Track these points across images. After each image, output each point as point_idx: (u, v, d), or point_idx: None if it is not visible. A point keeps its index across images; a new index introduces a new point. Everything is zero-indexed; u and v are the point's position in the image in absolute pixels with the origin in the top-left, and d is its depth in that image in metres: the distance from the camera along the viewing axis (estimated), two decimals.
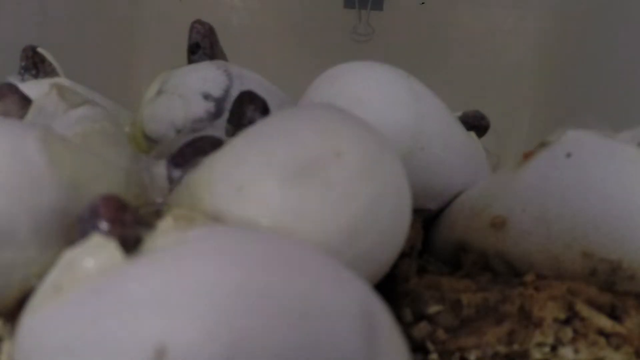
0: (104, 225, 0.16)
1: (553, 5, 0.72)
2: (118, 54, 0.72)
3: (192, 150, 0.21)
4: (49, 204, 0.18)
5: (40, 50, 0.36)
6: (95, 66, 0.64)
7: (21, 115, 0.25)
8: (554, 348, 0.21)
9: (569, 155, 0.23)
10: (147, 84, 0.34)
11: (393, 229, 0.19)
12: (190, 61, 0.33)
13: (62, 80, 0.35)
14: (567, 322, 0.21)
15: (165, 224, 0.17)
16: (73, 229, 0.18)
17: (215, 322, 0.13)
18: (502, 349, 0.21)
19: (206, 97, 0.30)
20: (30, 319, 0.15)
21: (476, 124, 0.33)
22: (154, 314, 0.13)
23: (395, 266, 0.22)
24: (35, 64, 0.35)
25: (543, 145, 0.24)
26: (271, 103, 0.25)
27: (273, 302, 0.14)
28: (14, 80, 0.34)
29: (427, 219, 0.29)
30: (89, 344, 0.13)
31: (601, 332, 0.21)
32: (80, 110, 0.24)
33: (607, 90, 0.58)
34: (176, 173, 0.21)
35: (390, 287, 0.23)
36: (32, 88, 0.31)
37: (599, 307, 0.21)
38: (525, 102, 0.74)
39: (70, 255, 0.16)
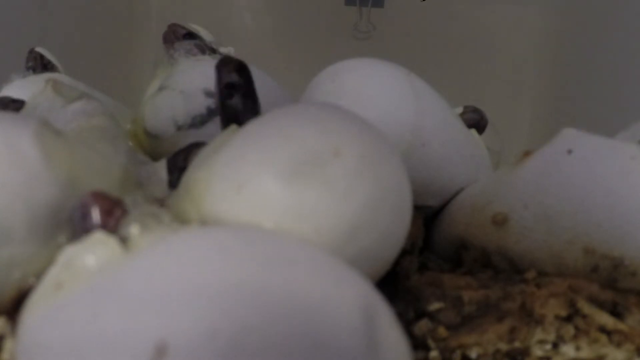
0: (95, 222, 0.16)
1: (554, 2, 0.72)
2: (119, 51, 0.72)
3: (185, 156, 0.21)
4: (45, 200, 0.18)
5: (38, 49, 0.35)
6: (97, 64, 0.64)
7: None
8: (555, 345, 0.21)
9: (570, 151, 0.23)
10: (148, 82, 0.34)
11: (394, 226, 0.19)
12: None
13: (60, 76, 0.35)
14: (568, 319, 0.21)
15: (163, 226, 0.17)
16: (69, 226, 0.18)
17: (216, 319, 0.13)
18: (503, 346, 0.21)
19: (207, 93, 0.30)
20: (31, 317, 0.15)
21: (474, 124, 0.33)
22: (154, 311, 0.13)
23: (396, 263, 0.22)
24: (44, 66, 0.35)
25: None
26: (272, 99, 0.25)
27: (273, 299, 0.14)
28: (17, 78, 0.34)
29: (428, 215, 0.29)
30: (90, 342, 0.13)
31: (603, 330, 0.21)
32: (77, 105, 0.24)
33: (608, 87, 0.58)
34: (173, 175, 0.21)
35: (392, 284, 0.23)
36: (32, 82, 0.31)
37: (600, 304, 0.21)
38: (526, 99, 0.74)
39: (70, 252, 0.16)
